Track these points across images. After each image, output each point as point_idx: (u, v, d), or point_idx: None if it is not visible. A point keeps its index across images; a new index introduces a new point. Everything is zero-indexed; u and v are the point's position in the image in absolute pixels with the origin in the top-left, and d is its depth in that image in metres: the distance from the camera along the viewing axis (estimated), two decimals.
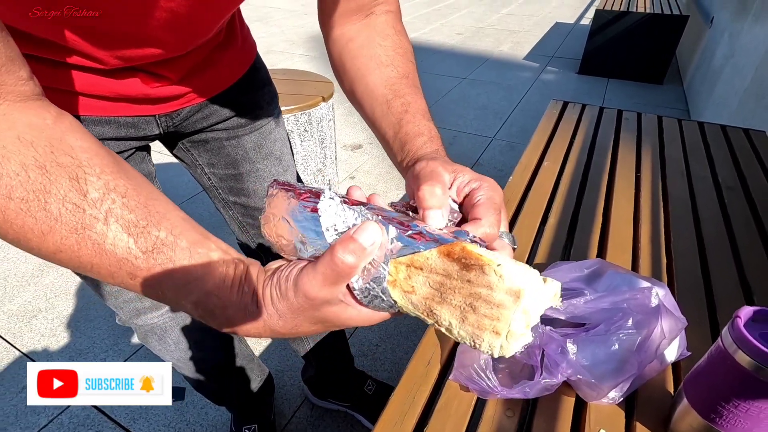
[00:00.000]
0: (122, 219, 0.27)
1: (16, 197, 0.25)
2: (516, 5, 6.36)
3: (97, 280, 0.60)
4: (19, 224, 0.26)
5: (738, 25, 2.34)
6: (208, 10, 0.46)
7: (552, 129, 1.27)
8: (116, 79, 0.48)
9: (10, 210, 0.25)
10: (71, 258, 0.27)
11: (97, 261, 0.27)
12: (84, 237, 0.27)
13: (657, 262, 0.77)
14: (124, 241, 0.27)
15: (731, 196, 0.96)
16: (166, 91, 0.53)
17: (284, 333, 0.30)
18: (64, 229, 0.26)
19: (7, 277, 1.47)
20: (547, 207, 0.92)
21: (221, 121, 0.63)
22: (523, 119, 2.67)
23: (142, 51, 0.45)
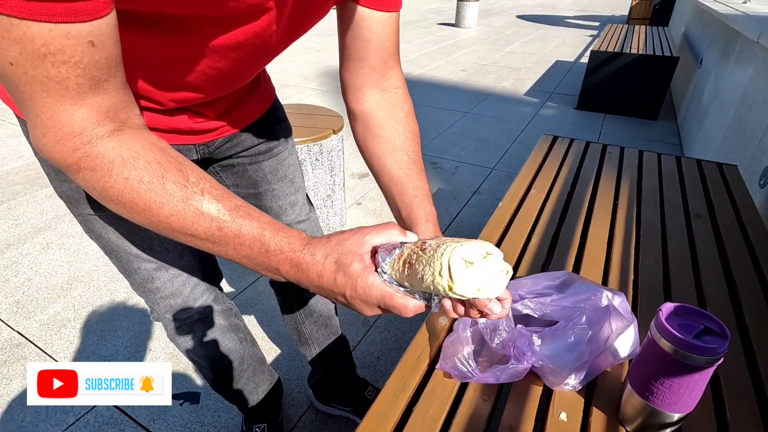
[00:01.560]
0: (212, 193, 0.41)
1: (146, 180, 0.39)
2: (518, 44, 6.66)
3: (142, 279, 0.73)
4: (146, 199, 0.39)
5: (722, 67, 2.50)
6: (246, 69, 0.60)
7: (541, 161, 1.40)
8: (170, 116, 0.62)
9: (141, 190, 0.39)
10: (179, 220, 0.40)
11: (197, 220, 0.40)
12: (188, 204, 0.40)
13: (625, 277, 0.87)
14: (215, 204, 0.41)
15: (698, 223, 1.06)
16: (205, 126, 0.68)
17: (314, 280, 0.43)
18: (175, 199, 0.40)
19: (39, 290, 1.59)
20: (531, 229, 1.03)
21: (246, 149, 0.78)
22: (522, 151, 2.82)
23: (192, 95, 0.59)
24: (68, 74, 0.34)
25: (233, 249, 0.42)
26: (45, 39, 0.32)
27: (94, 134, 0.37)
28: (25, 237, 1.91)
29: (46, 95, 0.34)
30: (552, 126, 3.27)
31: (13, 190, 2.31)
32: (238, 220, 0.41)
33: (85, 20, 0.33)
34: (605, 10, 11.58)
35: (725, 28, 2.64)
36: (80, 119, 0.36)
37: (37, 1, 0.30)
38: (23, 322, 1.45)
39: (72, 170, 0.38)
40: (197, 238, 0.42)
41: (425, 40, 6.92)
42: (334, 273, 0.41)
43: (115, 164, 0.38)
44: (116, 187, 0.38)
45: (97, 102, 0.37)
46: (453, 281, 0.35)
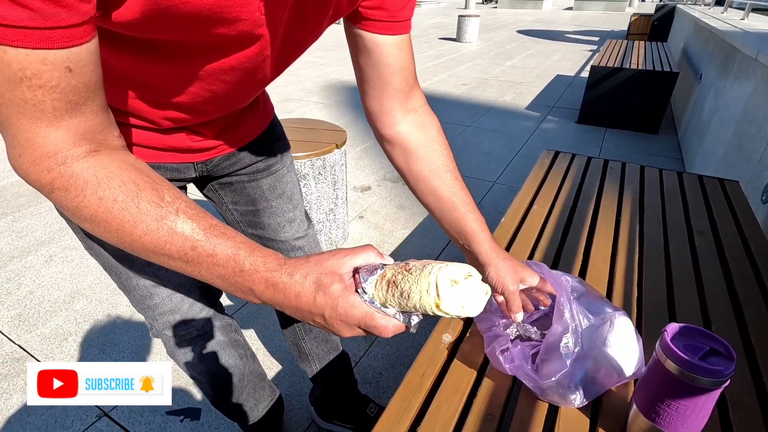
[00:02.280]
0: (187, 212, 0.41)
1: (120, 200, 0.38)
2: (519, 58, 6.74)
3: (141, 295, 0.73)
4: (120, 218, 0.39)
5: (722, 82, 2.52)
6: (241, 93, 0.61)
7: (543, 176, 1.41)
8: (167, 135, 0.63)
9: (115, 209, 0.38)
10: (152, 240, 0.40)
11: (170, 239, 0.40)
12: (162, 224, 0.39)
13: (629, 294, 0.87)
14: (189, 224, 0.40)
15: (701, 240, 1.06)
16: (204, 144, 0.68)
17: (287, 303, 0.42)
18: (149, 219, 0.39)
19: (42, 303, 1.59)
20: (534, 246, 1.03)
21: (244, 167, 0.78)
22: (524, 165, 2.83)
23: (187, 116, 0.60)
24: (44, 98, 0.34)
25: (206, 269, 0.41)
26: (21, 64, 0.32)
27: (69, 155, 0.37)
28: (29, 249, 1.91)
29: (22, 117, 0.35)
30: (553, 140, 3.29)
31: (17, 202, 2.32)
32: (212, 239, 0.41)
33: (63, 47, 0.33)
34: (604, 25, 11.73)
35: (723, 45, 2.67)
36: (55, 140, 0.36)
37: (15, 28, 0.31)
38: (24, 335, 1.45)
39: (46, 190, 0.38)
40: (170, 257, 0.41)
41: (427, 55, 7.00)
42: (313, 293, 0.41)
43: (89, 184, 0.38)
44: (90, 206, 0.38)
45: (74, 124, 0.37)
46: (440, 299, 0.37)
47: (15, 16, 0.30)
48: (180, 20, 0.40)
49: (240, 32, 0.45)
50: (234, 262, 0.41)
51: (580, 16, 14.52)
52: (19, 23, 0.31)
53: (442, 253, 1.91)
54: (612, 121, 3.49)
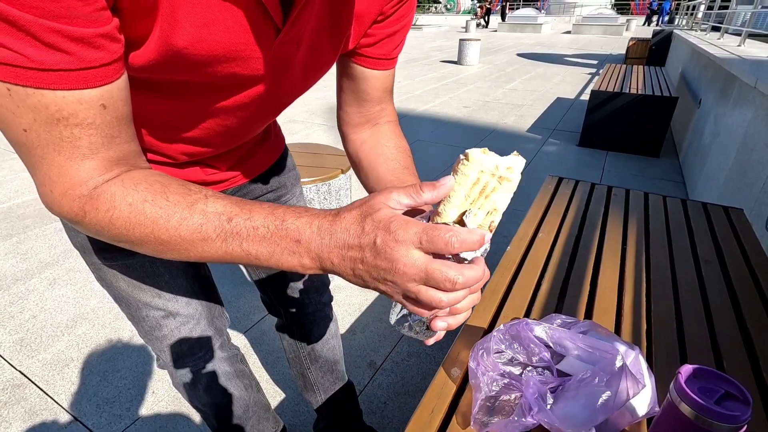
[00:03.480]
0: (216, 195, 0.40)
1: (149, 199, 0.38)
2: (519, 81, 6.85)
3: (150, 327, 0.74)
4: (152, 216, 0.38)
5: (721, 108, 2.56)
6: (254, 124, 0.62)
7: (547, 203, 1.42)
8: (182, 169, 0.65)
9: (146, 208, 0.38)
10: (188, 227, 0.39)
11: (205, 221, 0.39)
12: (194, 208, 0.39)
13: (638, 327, 0.86)
14: (221, 202, 0.39)
15: (708, 269, 1.06)
16: (217, 177, 0.70)
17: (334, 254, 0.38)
18: (180, 208, 0.39)
19: (44, 327, 1.58)
20: (541, 274, 1.03)
21: (256, 197, 0.80)
22: (527, 189, 2.84)
23: (202, 149, 0.61)
24: (81, 134, 0.35)
25: (247, 236, 0.38)
26: (59, 105, 0.33)
27: (99, 180, 0.38)
28: (33, 272, 1.91)
29: (57, 154, 0.35)
30: (555, 163, 3.31)
31: (23, 223, 2.33)
32: (245, 207, 0.39)
33: (97, 86, 0.34)
34: (602, 49, 11.95)
35: (722, 71, 2.72)
36: (88, 169, 0.37)
37: (52, 71, 0.32)
38: (26, 361, 1.44)
39: (79, 218, 0.38)
40: (209, 240, 0.39)
41: (429, 77, 7.13)
42: (361, 221, 0.36)
43: (117, 195, 0.38)
44: (122, 216, 0.38)
45: (108, 155, 0.38)
46: (466, 156, 0.37)
47: (53, 61, 0.31)
48: (195, 62, 0.41)
49: (253, 70, 0.47)
50: (274, 217, 0.38)
51: (579, 40, 14.81)
52: (56, 67, 0.32)
53: None
54: (613, 144, 3.53)
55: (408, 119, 4.56)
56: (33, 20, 0.29)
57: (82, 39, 0.32)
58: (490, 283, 0.99)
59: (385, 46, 0.59)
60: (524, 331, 0.63)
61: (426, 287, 0.35)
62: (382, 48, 0.59)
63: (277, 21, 0.43)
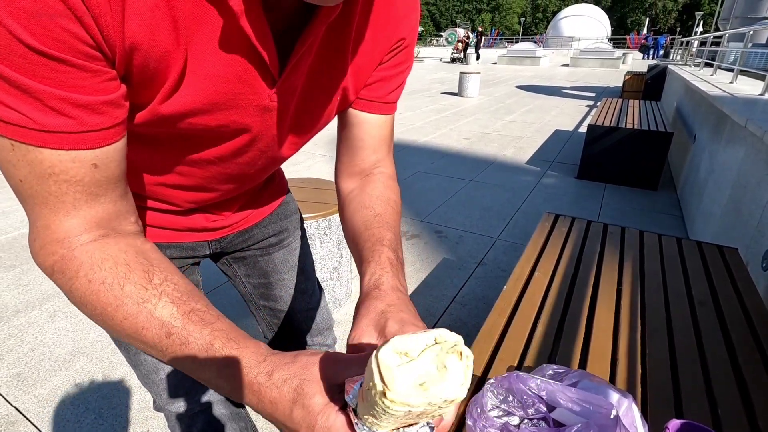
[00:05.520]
0: (171, 296, 0.38)
1: (107, 282, 0.38)
2: (518, 113, 7.00)
3: (147, 370, 0.74)
4: (103, 301, 0.38)
5: (715, 145, 2.61)
6: (254, 172, 0.63)
7: (544, 241, 1.44)
8: (185, 216, 0.67)
9: (101, 291, 0.38)
10: (131, 324, 0.37)
11: (147, 324, 0.37)
12: (142, 307, 0.37)
13: (632, 373, 0.86)
14: (170, 308, 0.38)
15: (703, 311, 1.07)
16: (220, 224, 0.72)
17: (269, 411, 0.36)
18: (130, 302, 0.37)
19: (42, 361, 1.58)
20: (537, 317, 1.04)
21: (257, 242, 0.81)
22: (525, 222, 2.87)
23: (206, 196, 0.63)
24: (67, 190, 0.36)
25: (180, 358, 0.37)
26: (52, 162, 0.35)
27: (76, 241, 0.38)
28: (33, 304, 1.92)
29: (44, 207, 0.37)
30: (554, 196, 3.35)
31: (25, 255, 2.36)
32: (188, 326, 0.37)
33: (94, 147, 0.36)
34: (600, 81, 12.25)
35: (714, 109, 2.79)
36: (68, 227, 0.38)
37: (53, 133, 0.34)
38: (22, 396, 1.43)
39: (49, 273, 0.39)
40: (147, 345, 0.38)
41: (430, 109, 7.29)
42: (291, 404, 0.34)
43: (83, 266, 0.38)
44: (80, 288, 0.38)
45: (90, 213, 0.38)
46: (386, 384, 0.25)
47: (55, 124, 0.33)
48: (195, 110, 0.43)
49: (249, 117, 0.48)
50: (206, 353, 0.37)
51: (576, 72, 15.20)
52: (58, 129, 0.34)
53: (446, 312, 1.91)
54: (611, 177, 3.57)
55: (408, 150, 4.65)
56: (43, 89, 0.32)
57: (86, 105, 0.34)
58: (485, 325, 1.00)
59: (379, 89, 0.58)
60: (516, 383, 0.64)
61: None
62: (377, 91, 0.58)
63: (274, 72, 0.44)
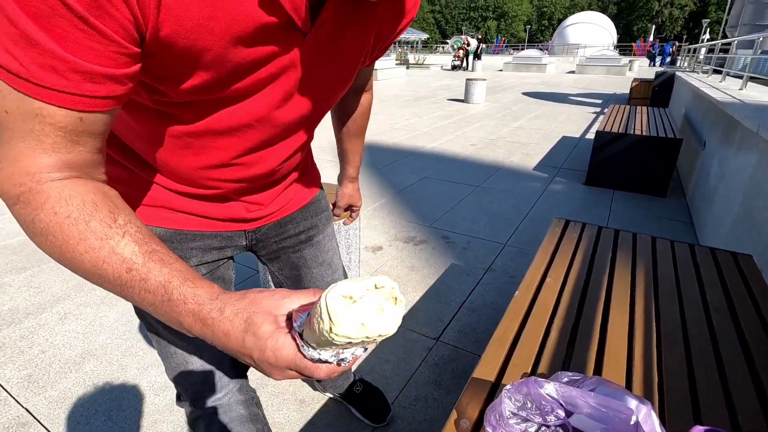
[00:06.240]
0: (134, 236, 0.41)
1: (73, 216, 0.39)
2: (525, 120, 7.00)
3: (177, 363, 0.76)
4: (66, 233, 0.39)
5: (725, 151, 2.59)
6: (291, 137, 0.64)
7: (554, 246, 1.43)
8: (225, 204, 0.70)
9: (65, 224, 0.39)
10: (92, 258, 0.39)
11: (109, 259, 0.39)
12: (105, 243, 0.39)
13: (649, 379, 0.85)
14: (132, 246, 0.40)
15: (718, 318, 1.06)
16: (257, 214, 0.75)
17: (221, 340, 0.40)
18: (94, 237, 0.39)
19: (52, 363, 1.59)
20: (549, 322, 1.03)
21: (289, 237, 0.85)
22: (533, 228, 2.86)
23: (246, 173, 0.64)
24: (50, 132, 0.38)
25: (138, 295, 0.40)
26: (42, 105, 0.37)
27: (47, 177, 0.39)
28: (45, 306, 1.94)
29: (22, 141, 0.38)
30: (562, 202, 3.34)
31: (37, 257, 2.38)
32: (148, 264, 0.40)
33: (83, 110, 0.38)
34: (606, 88, 12.23)
35: (724, 115, 2.77)
36: (41, 164, 0.39)
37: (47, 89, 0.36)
38: (33, 398, 1.44)
39: (11, 203, 0.40)
40: (106, 280, 0.40)
41: (436, 115, 7.31)
42: (242, 333, 0.38)
43: (50, 199, 0.39)
44: (44, 220, 0.39)
45: (66, 156, 0.40)
46: (333, 321, 0.31)
47: (51, 81, 0.36)
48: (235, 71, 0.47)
49: (285, 68, 0.51)
50: (164, 290, 0.39)
51: (583, 79, 15.19)
52: (52, 86, 0.36)
53: (454, 318, 1.90)
54: (620, 183, 3.55)
55: (415, 156, 4.66)
56: (51, 47, 0.34)
57: (86, 72, 0.36)
58: (497, 331, 1.00)
59: (380, 52, 0.67)
60: (534, 388, 0.63)
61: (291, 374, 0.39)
62: (379, 53, 0.67)
63: (304, 28, 0.48)
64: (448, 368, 1.60)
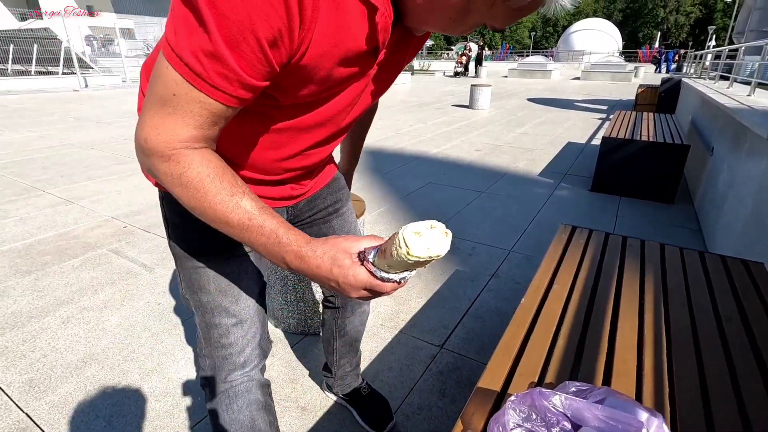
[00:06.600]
0: (249, 195, 0.57)
1: (211, 176, 0.54)
2: (530, 125, 6.98)
3: (219, 334, 0.83)
4: (206, 187, 0.54)
5: (734, 157, 2.56)
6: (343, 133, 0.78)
7: (561, 252, 1.41)
8: (279, 186, 0.82)
9: (206, 180, 0.54)
10: (223, 208, 0.55)
11: (235, 210, 0.55)
12: (233, 198, 0.55)
13: (660, 391, 0.83)
14: (250, 202, 0.56)
15: (730, 327, 1.03)
16: (298, 192, 0.88)
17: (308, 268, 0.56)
18: (225, 192, 0.55)
19: (54, 368, 1.58)
20: (556, 330, 1.01)
21: (320, 210, 1.00)
22: (539, 234, 2.83)
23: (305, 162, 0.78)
24: (203, 114, 0.52)
25: (255, 237, 0.56)
26: (206, 96, 0.51)
27: (191, 145, 0.54)
28: (47, 310, 1.94)
29: (181, 117, 0.52)
30: (567, 208, 3.31)
31: (42, 260, 2.39)
32: (263, 215, 0.56)
33: (233, 106, 0.53)
34: (611, 94, 12.20)
35: (733, 121, 2.74)
36: (188, 136, 0.53)
37: (217, 90, 0.50)
38: (33, 402, 1.43)
39: (162, 159, 0.54)
40: (231, 225, 0.56)
41: (441, 121, 7.31)
42: (330, 265, 0.54)
43: (194, 161, 0.54)
44: (190, 175, 0.54)
45: (204, 133, 0.55)
46: (409, 247, 0.47)
47: (222, 86, 0.50)
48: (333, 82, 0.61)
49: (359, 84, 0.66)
50: (275, 235, 0.55)
51: (588, 86, 15.16)
52: (222, 89, 0.50)
53: (459, 324, 1.87)
54: (626, 189, 3.52)
55: (420, 162, 4.65)
56: (233, 65, 0.48)
57: (245, 83, 0.51)
58: (504, 338, 0.98)
59: None
60: (539, 400, 0.61)
61: (365, 293, 0.57)
62: None
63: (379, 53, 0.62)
64: (453, 376, 1.57)
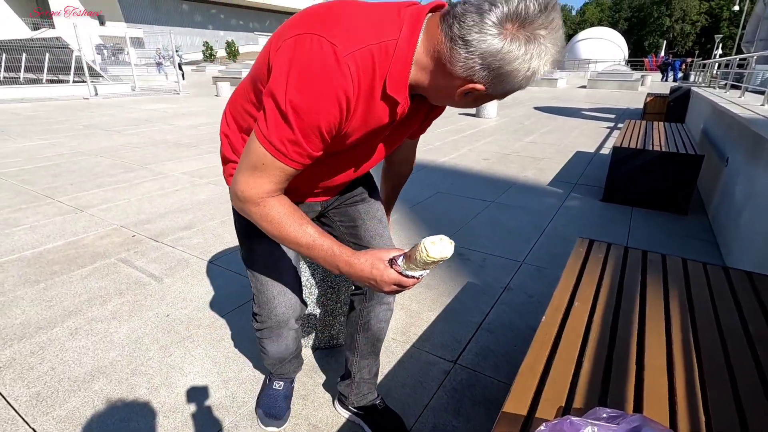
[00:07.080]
0: (312, 225, 0.84)
1: (284, 214, 0.83)
2: (538, 134, 6.94)
3: (267, 298, 1.14)
4: (283, 223, 0.83)
5: (752, 168, 2.51)
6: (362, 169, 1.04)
7: (580, 268, 1.37)
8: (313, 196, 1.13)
9: (282, 218, 0.83)
10: (294, 234, 0.82)
11: (303, 235, 0.82)
12: (300, 228, 0.83)
13: (695, 420, 0.79)
14: (313, 230, 0.83)
15: (764, 349, 0.98)
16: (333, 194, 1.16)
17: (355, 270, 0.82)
18: (295, 225, 0.83)
19: (62, 381, 1.56)
20: (581, 352, 0.97)
21: (347, 198, 1.21)
22: (551, 245, 2.78)
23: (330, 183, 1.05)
24: (280, 175, 0.80)
25: (317, 252, 0.82)
26: (284, 165, 0.78)
27: (271, 195, 0.82)
28: (56, 320, 1.92)
29: (266, 178, 0.80)
30: (579, 219, 3.26)
31: (50, 269, 2.38)
32: (321, 238, 0.82)
33: (298, 169, 0.81)
34: (618, 103, 12.14)
35: (749, 132, 2.69)
36: (271, 188, 0.81)
37: (293, 161, 0.78)
38: (40, 417, 1.40)
39: (252, 204, 0.82)
40: (299, 245, 0.83)
41: (448, 129, 7.30)
42: (370, 269, 0.79)
43: (274, 206, 0.83)
44: (273, 214, 0.82)
45: (280, 186, 0.83)
46: (428, 251, 0.71)
47: (297, 159, 0.78)
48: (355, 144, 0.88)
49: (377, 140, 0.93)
50: (331, 250, 0.82)
51: (594, 94, 15.12)
52: (297, 160, 0.78)
53: (472, 339, 1.83)
54: (638, 200, 3.47)
55: (427, 171, 4.62)
56: (305, 146, 0.76)
57: (310, 156, 0.79)
58: (527, 360, 0.94)
59: (424, 130, 1.07)
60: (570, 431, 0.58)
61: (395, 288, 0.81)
62: (423, 130, 1.08)
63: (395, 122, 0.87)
64: (467, 394, 1.53)
